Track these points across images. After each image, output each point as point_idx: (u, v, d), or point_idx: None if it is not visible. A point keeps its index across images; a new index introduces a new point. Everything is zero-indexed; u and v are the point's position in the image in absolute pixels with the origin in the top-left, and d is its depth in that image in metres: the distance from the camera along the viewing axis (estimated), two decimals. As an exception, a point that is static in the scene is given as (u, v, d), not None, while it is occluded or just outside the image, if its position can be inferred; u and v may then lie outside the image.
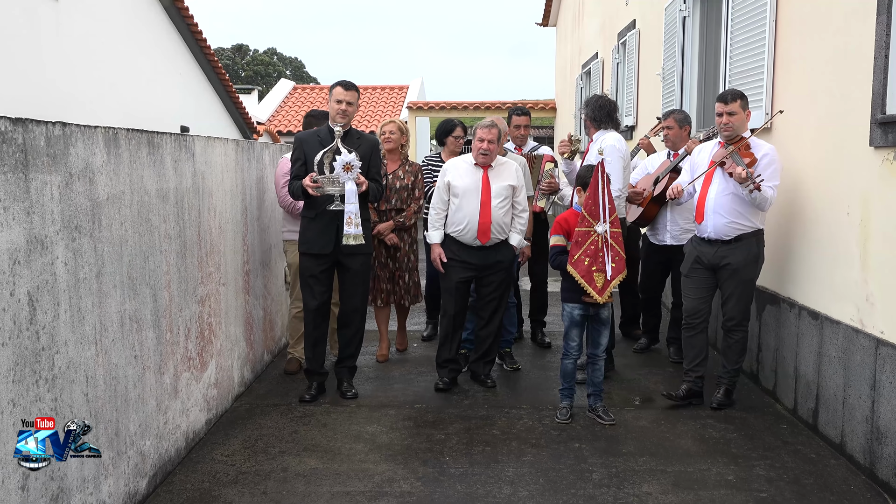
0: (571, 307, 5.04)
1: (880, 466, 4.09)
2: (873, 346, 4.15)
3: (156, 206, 4.02)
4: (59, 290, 3.08)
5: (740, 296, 5.13)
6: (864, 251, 4.29)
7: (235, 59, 52.17)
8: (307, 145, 5.23)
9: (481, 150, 5.40)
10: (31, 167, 2.87)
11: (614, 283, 4.88)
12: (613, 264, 4.85)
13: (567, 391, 5.13)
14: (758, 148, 5.00)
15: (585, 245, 4.86)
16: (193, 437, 4.59)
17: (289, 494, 4.01)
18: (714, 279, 5.24)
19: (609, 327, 5.16)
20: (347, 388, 5.52)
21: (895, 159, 3.98)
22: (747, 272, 5.09)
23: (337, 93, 5.22)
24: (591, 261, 4.84)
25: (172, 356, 4.25)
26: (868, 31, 4.22)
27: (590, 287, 4.85)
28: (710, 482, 4.18)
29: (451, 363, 5.73)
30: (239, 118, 18.02)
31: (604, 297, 4.86)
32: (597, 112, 5.84)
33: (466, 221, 5.43)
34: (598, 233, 4.83)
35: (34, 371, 2.92)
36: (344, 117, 5.19)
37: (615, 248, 4.86)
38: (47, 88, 9.83)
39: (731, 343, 5.22)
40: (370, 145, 5.39)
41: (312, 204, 5.23)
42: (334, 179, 5.04)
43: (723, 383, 5.30)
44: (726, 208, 5.04)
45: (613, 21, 11.87)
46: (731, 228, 5.04)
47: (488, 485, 4.13)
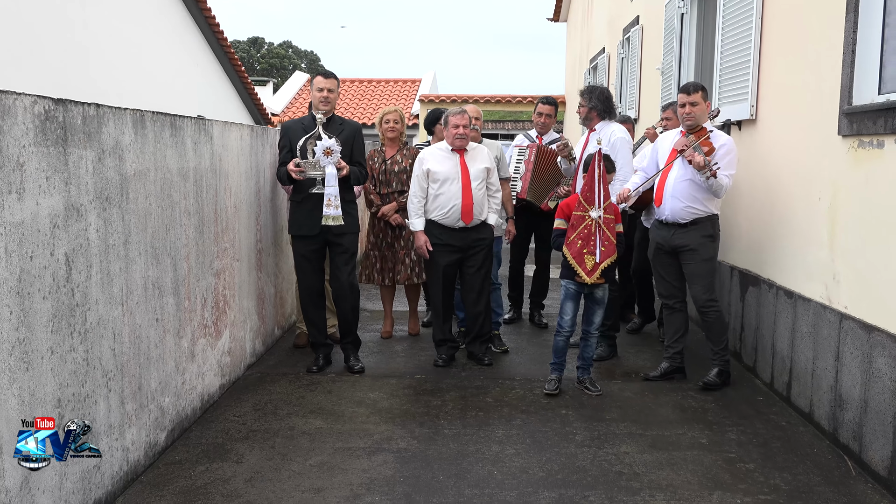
0: (567, 282, 5.35)
1: (842, 431, 4.42)
2: (838, 320, 4.47)
3: (177, 183, 4.39)
4: (92, 253, 3.45)
5: (702, 275, 5.43)
6: (832, 233, 4.61)
7: (251, 52, 52.68)
8: (292, 132, 5.60)
9: (457, 135, 5.75)
10: (69, 142, 3.24)
11: (603, 265, 5.18)
12: (603, 248, 5.15)
13: (557, 365, 5.43)
14: (717, 138, 5.33)
15: (579, 228, 5.19)
16: (208, 399, 4.97)
17: (295, 449, 4.38)
18: (678, 261, 5.55)
19: (604, 307, 5.46)
20: (354, 362, 5.81)
21: (860, 147, 4.30)
22: (705, 251, 5.40)
23: (318, 82, 5.58)
24: (584, 243, 5.18)
25: (190, 322, 4.63)
26: (838, 28, 4.53)
27: (579, 268, 5.18)
28: (685, 444, 4.52)
29: (447, 342, 6.05)
30: (254, 109, 18.42)
31: (592, 279, 5.17)
32: (603, 104, 6.11)
33: (451, 205, 5.76)
34: (592, 218, 5.15)
35: (69, 324, 3.29)
36: (326, 104, 5.54)
37: (606, 233, 5.16)
38: (73, 82, 10.25)
39: (709, 323, 5.50)
40: (353, 130, 5.74)
41: (299, 188, 5.57)
42: (315, 163, 5.39)
43: (714, 364, 5.52)
44: (683, 193, 5.37)
45: (619, 17, 12.18)
46: (686, 212, 5.38)
47: (479, 443, 4.49)
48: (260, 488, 3.90)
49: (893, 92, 4.17)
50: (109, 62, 11.26)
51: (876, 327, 4.07)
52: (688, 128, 5.42)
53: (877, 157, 4.13)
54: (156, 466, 4.12)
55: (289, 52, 55.04)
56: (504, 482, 4.00)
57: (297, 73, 27.78)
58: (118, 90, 10.98)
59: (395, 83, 25.50)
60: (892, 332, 3.92)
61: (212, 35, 15.33)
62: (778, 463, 4.29)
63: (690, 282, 5.51)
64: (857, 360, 4.25)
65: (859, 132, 4.28)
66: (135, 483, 3.90)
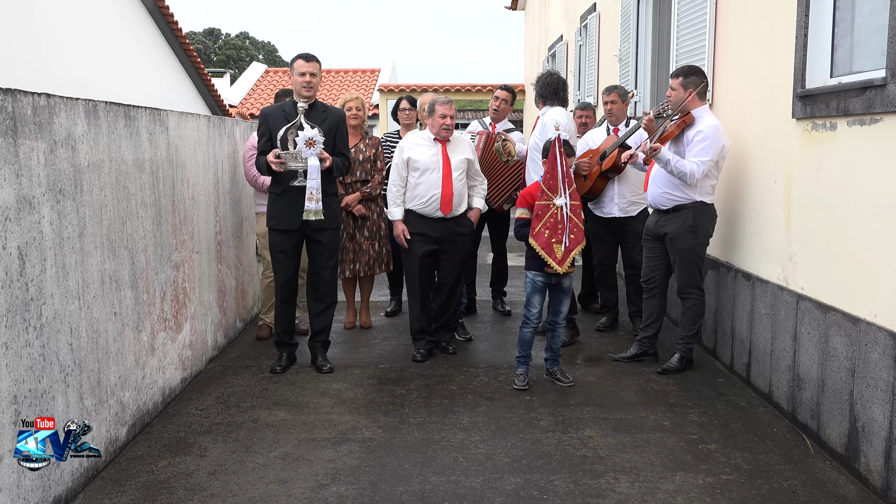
0: (534, 274, 5.26)
1: (800, 410, 4.50)
2: (795, 301, 4.55)
3: (132, 174, 4.32)
4: (46, 246, 3.38)
5: (683, 264, 5.41)
6: (787, 215, 4.68)
7: (207, 44, 51.97)
8: (272, 119, 5.30)
9: (443, 125, 5.64)
10: (19, 133, 3.16)
11: (573, 253, 5.12)
12: (573, 235, 5.08)
13: (523, 359, 5.36)
14: (698, 123, 5.25)
15: (545, 218, 5.09)
16: (169, 394, 4.91)
17: (259, 441, 4.35)
18: (663, 247, 5.57)
19: (570, 296, 5.45)
20: (323, 362, 5.60)
21: (812, 129, 4.37)
22: (683, 241, 5.35)
23: (298, 65, 5.25)
24: (551, 233, 5.08)
25: (149, 316, 4.56)
26: (790, 12, 4.59)
27: (549, 258, 5.09)
28: (647, 427, 4.57)
29: (425, 334, 5.97)
30: (211, 101, 18.16)
31: (563, 268, 5.10)
32: (543, 89, 6.06)
33: (431, 194, 5.69)
34: (557, 205, 5.05)
35: (24, 319, 3.23)
36: (309, 89, 5.24)
37: (574, 220, 5.09)
38: (19, 69, 10.01)
39: (685, 309, 5.51)
40: (336, 118, 5.47)
41: (279, 180, 5.31)
42: (297, 155, 5.12)
43: (677, 349, 5.56)
44: (661, 179, 5.39)
45: (577, 4, 12.22)
46: (664, 199, 5.39)
47: (444, 431, 4.49)
48: (224, 481, 3.86)
49: (845, 74, 4.23)
50: (56, 53, 10.96)
51: (832, 307, 4.14)
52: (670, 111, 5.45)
53: (830, 140, 4.20)
54: (117, 462, 4.06)
55: (246, 44, 54.39)
56: (470, 469, 4.01)
57: (254, 63, 27.48)
58: (69, 77, 10.75)
59: (354, 73, 25.35)
60: (847, 312, 3.99)
61: (166, 26, 15.07)
62: (738, 443, 4.35)
63: (675, 268, 5.51)
64: (813, 340, 4.32)
65: (812, 115, 4.35)
66: (96, 479, 3.85)
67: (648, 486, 3.83)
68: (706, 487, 3.81)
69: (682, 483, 3.86)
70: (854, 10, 4.25)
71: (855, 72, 4.17)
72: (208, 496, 3.71)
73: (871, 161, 3.81)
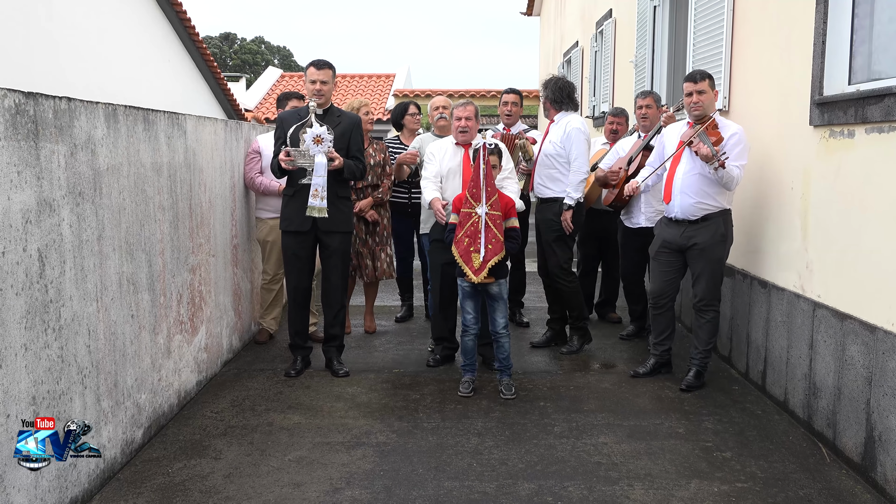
0: (461, 280, 5.19)
1: (816, 419, 4.47)
2: (811, 309, 4.52)
3: (150, 178, 4.35)
4: (65, 249, 3.41)
5: (709, 276, 5.23)
6: (804, 223, 4.66)
7: (223, 48, 52.25)
8: (287, 123, 5.32)
9: (460, 127, 5.51)
10: (41, 137, 3.19)
11: (490, 263, 4.99)
12: (490, 246, 4.98)
13: (469, 367, 5.29)
14: (725, 128, 5.11)
15: (466, 226, 5.01)
16: (185, 396, 4.93)
17: (273, 444, 4.36)
18: (682, 261, 5.37)
19: (504, 303, 5.25)
20: (339, 366, 5.60)
21: (831, 137, 4.35)
22: (715, 252, 5.19)
23: (310, 73, 5.32)
24: (470, 241, 5.00)
25: (166, 318, 4.59)
26: (808, 19, 4.57)
27: (466, 266, 5.01)
28: (662, 434, 4.55)
29: (444, 340, 5.91)
30: (227, 105, 18.27)
31: (479, 278, 4.99)
32: (556, 94, 5.99)
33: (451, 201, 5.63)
34: (478, 214, 4.97)
35: (43, 320, 3.25)
36: (320, 96, 5.28)
37: (493, 230, 4.98)
38: (37, 73, 10.10)
39: (703, 323, 5.33)
40: (351, 123, 5.49)
41: (291, 181, 5.34)
42: (305, 152, 5.14)
43: (694, 365, 5.37)
44: (693, 188, 5.13)
45: (592, 10, 12.22)
46: (697, 208, 5.15)
47: (458, 436, 4.49)
48: (239, 484, 3.88)
49: (863, 82, 4.22)
50: (75, 58, 11.06)
51: (849, 315, 4.12)
52: (695, 118, 5.16)
53: (848, 147, 4.18)
54: (133, 464, 4.08)
55: (261, 48, 54.65)
56: (484, 474, 4.01)
57: (269, 68, 27.63)
58: (85, 82, 10.82)
59: (369, 78, 25.40)
60: (864, 320, 3.97)
61: (183, 30, 15.18)
62: (754, 451, 4.33)
63: (696, 281, 5.27)
64: (830, 348, 4.30)
65: (830, 122, 4.33)
66: (112, 481, 3.87)
67: (663, 493, 3.82)
68: (721, 495, 3.80)
69: (697, 491, 3.85)
70: (873, 17, 4.23)
71: (873, 79, 4.15)
72: (223, 499, 3.73)
73: (889, 169, 3.79)
